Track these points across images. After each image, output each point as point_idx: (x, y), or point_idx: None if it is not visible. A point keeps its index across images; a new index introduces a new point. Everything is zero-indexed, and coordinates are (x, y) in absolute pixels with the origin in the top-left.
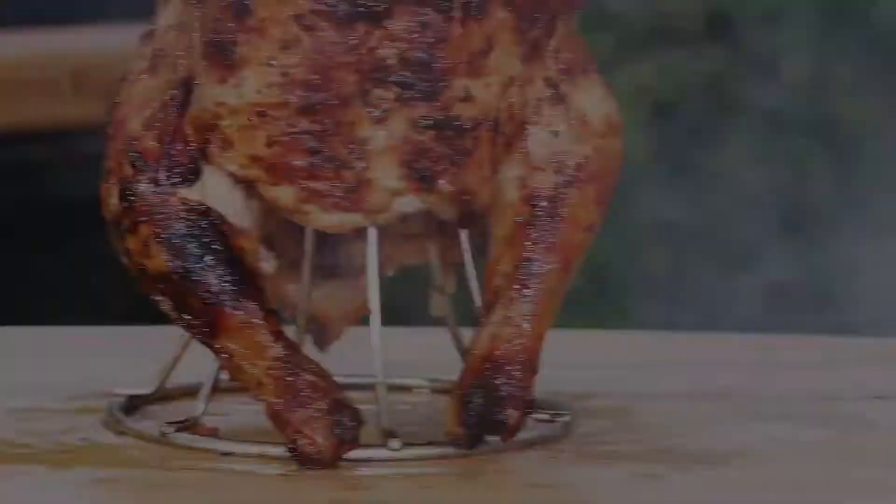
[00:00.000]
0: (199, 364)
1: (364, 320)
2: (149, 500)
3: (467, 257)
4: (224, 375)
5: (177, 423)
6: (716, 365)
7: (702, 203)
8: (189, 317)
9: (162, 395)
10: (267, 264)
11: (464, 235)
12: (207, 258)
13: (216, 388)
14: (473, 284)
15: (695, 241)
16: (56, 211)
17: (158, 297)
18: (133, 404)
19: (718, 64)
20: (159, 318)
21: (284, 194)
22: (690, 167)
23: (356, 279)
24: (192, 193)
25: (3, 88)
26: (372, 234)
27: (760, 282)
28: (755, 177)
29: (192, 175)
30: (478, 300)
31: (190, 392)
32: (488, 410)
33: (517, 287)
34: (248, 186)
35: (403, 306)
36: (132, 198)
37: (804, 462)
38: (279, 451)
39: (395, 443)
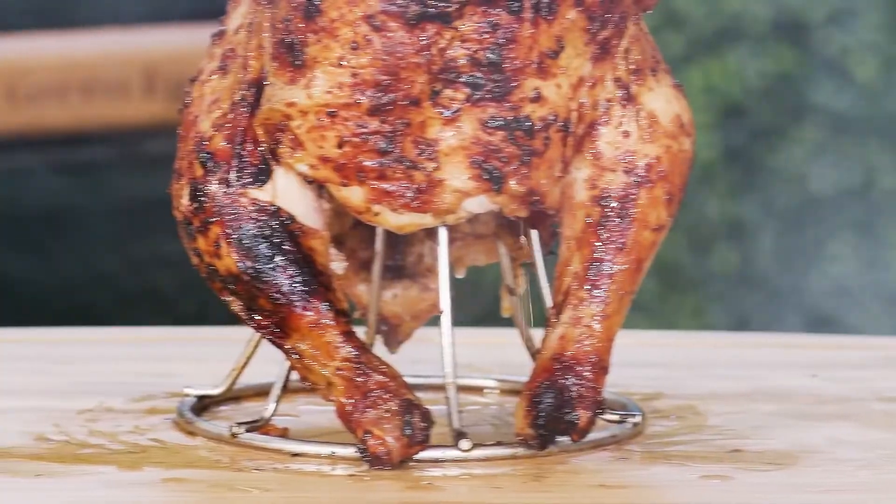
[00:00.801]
0: (270, 365)
1: (434, 320)
2: (219, 500)
3: (538, 257)
4: (294, 376)
5: (247, 423)
6: (783, 365)
7: (770, 203)
8: (259, 317)
9: (232, 396)
10: (337, 265)
11: (534, 236)
12: (278, 259)
13: (286, 389)
14: (543, 285)
15: (763, 241)
16: (124, 211)
17: (228, 298)
18: (203, 405)
19: (786, 64)
20: (229, 319)
21: (354, 195)
22: (758, 167)
23: (426, 279)
24: (262, 194)
25: (74, 88)
26: (442, 234)
27: (828, 281)
28: (823, 177)
29: (262, 175)
30: (548, 300)
31: (260, 392)
32: (558, 411)
33: (587, 287)
34: (318, 187)
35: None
36: (203, 198)
37: (870, 463)
38: (349, 451)
39: (464, 443)
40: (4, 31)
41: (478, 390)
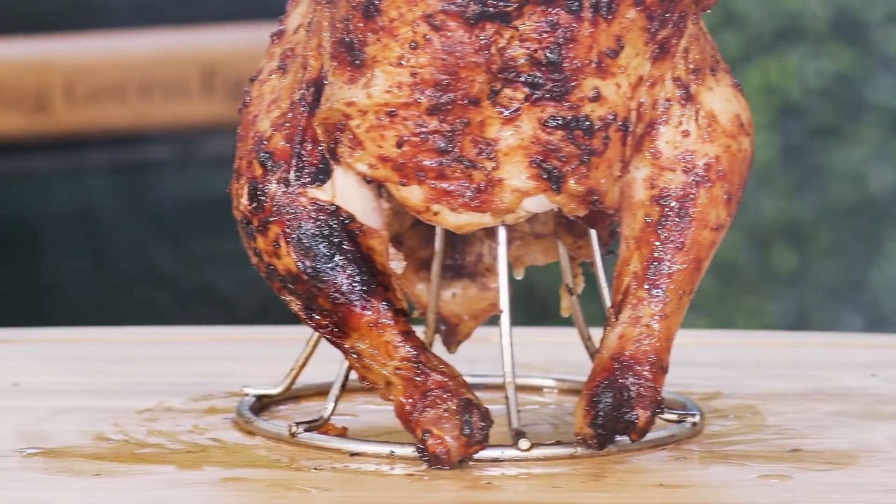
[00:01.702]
0: (328, 364)
1: (493, 320)
2: (278, 500)
3: (597, 257)
4: (353, 375)
5: (306, 422)
6: (842, 365)
7: (828, 202)
8: (318, 317)
9: (291, 395)
10: (396, 264)
11: (593, 235)
12: (337, 258)
13: (345, 388)
14: (602, 284)
15: (821, 240)
16: (183, 210)
17: (287, 298)
18: (262, 404)
19: (845, 64)
20: (288, 319)
21: (414, 194)
22: (817, 167)
23: (485, 279)
24: (321, 193)
25: (132, 88)
26: (502, 233)
27: (887, 280)
28: (881, 176)
29: (321, 175)
30: (607, 300)
31: (319, 392)
32: (617, 410)
33: (647, 287)
34: (377, 186)
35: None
36: (262, 198)
37: None
38: (408, 450)
39: (523, 443)
40: (63, 30)
41: (537, 390)
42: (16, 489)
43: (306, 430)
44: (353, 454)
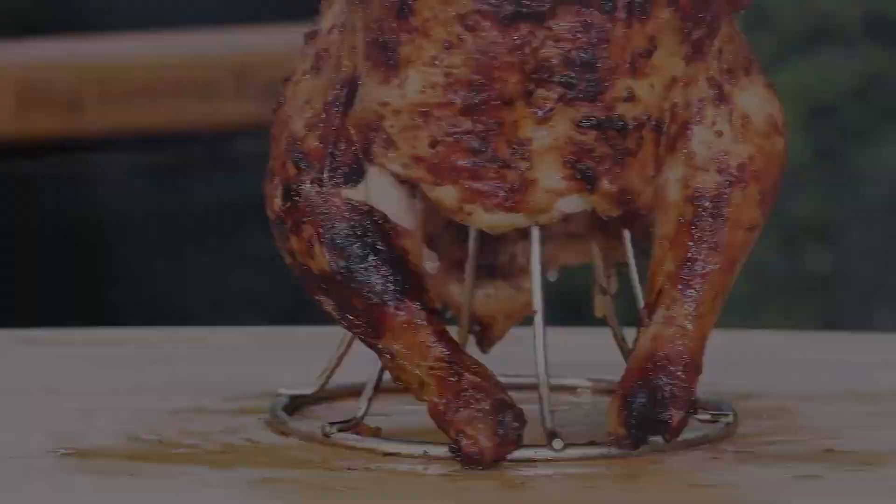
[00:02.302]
0: (362, 364)
1: (527, 320)
2: (312, 500)
3: (630, 257)
4: (387, 376)
5: (340, 423)
6: (876, 365)
7: (860, 202)
8: (352, 317)
9: (325, 396)
10: (430, 264)
11: (627, 235)
12: (371, 258)
13: (379, 389)
14: (636, 284)
15: (854, 241)
16: (215, 211)
17: (321, 298)
18: (296, 404)
19: (877, 64)
20: (321, 319)
21: (447, 195)
22: (849, 167)
23: (519, 279)
24: (355, 194)
25: (165, 89)
26: (535, 233)
27: None
28: None
29: (355, 175)
30: (640, 300)
31: (352, 392)
32: (651, 411)
33: (680, 287)
34: (411, 187)
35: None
36: (296, 198)
37: None
38: (442, 451)
39: (557, 443)
40: (96, 31)
41: (571, 390)
42: (49, 489)
43: (340, 431)
44: (386, 454)
